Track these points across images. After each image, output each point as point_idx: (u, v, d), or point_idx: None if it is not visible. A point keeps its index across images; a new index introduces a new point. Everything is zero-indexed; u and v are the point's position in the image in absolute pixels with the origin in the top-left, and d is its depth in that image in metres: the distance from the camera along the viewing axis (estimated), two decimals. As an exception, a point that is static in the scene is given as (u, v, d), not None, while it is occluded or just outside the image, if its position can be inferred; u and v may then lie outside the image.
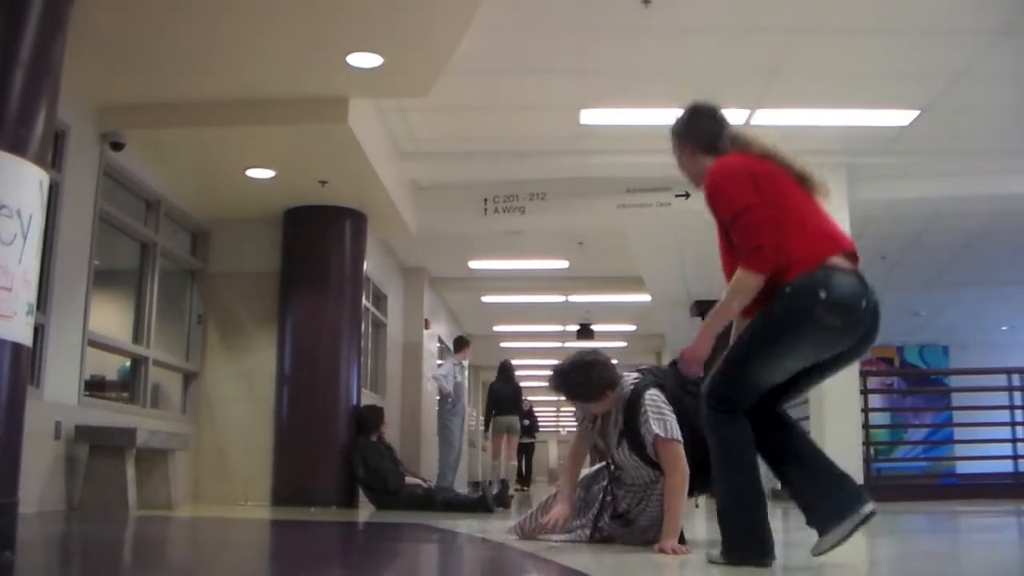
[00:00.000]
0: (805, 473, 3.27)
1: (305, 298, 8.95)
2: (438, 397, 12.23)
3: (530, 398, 19.47)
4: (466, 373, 11.89)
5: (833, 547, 3.12)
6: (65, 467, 6.46)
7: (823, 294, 3.04)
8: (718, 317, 3.25)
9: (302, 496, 8.26)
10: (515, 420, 13.39)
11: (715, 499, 3.34)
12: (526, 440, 14.53)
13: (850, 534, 3.11)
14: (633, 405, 4.10)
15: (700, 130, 3.51)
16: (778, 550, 3.20)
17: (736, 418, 3.21)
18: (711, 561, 3.28)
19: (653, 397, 4.07)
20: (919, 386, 16.25)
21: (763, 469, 3.30)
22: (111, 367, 8.38)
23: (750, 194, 3.17)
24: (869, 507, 3.08)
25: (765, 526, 3.16)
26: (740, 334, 3.25)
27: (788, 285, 3.08)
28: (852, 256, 3.21)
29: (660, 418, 3.98)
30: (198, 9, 5.62)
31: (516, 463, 14.02)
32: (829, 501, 3.16)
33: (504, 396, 13.39)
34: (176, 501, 7.31)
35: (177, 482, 7.44)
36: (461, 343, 12.43)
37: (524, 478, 19.05)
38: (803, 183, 3.29)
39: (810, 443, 3.34)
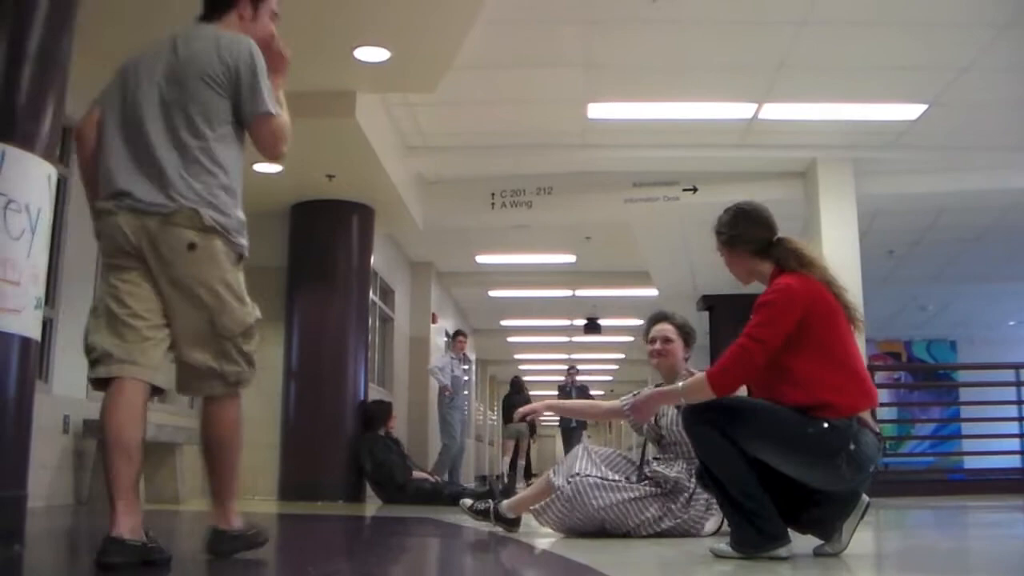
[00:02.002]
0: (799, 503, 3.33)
1: (312, 293, 8.96)
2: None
3: (535, 392, 20.12)
4: (465, 366, 11.84)
5: (845, 546, 3.23)
6: (73, 461, 6.49)
7: (852, 446, 3.11)
8: (668, 398, 3.63)
9: (309, 490, 8.28)
10: (524, 427, 15.40)
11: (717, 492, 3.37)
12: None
13: (856, 527, 3.23)
14: None
15: (752, 238, 3.47)
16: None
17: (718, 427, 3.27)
18: (717, 555, 3.27)
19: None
20: (926, 381, 16.22)
21: None
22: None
23: (780, 337, 3.18)
24: (864, 498, 3.24)
25: (772, 513, 3.17)
26: (769, 411, 3.19)
27: (826, 420, 3.12)
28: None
29: None
30: (205, 4, 5.63)
31: (524, 462, 16.18)
32: (826, 513, 3.25)
33: (515, 407, 14.27)
34: (183, 495, 7.33)
35: (184, 476, 7.45)
36: (457, 336, 12.28)
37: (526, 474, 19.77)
38: (851, 319, 3.31)
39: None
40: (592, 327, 17.83)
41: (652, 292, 14.69)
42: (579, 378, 16.25)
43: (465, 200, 9.98)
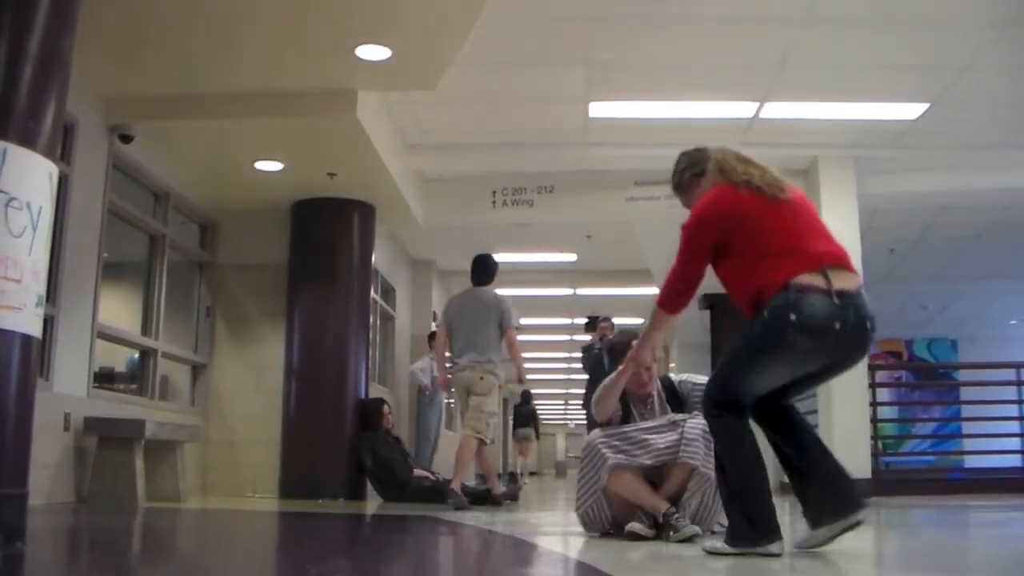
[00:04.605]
0: (810, 468, 3.33)
1: (313, 290, 8.96)
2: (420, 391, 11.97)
3: (538, 391, 21.38)
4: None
5: (819, 545, 3.23)
6: (74, 459, 6.49)
7: (793, 316, 3.10)
8: (649, 339, 3.85)
9: (310, 488, 8.28)
10: (530, 431, 20.36)
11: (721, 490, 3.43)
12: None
13: (838, 535, 3.21)
14: (675, 395, 4.53)
15: (690, 164, 3.69)
16: (785, 542, 3.20)
17: (734, 414, 3.32)
18: (710, 552, 3.28)
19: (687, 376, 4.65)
20: (927, 380, 16.21)
21: (771, 458, 3.36)
22: (120, 359, 8.41)
23: (701, 252, 3.37)
24: (860, 516, 3.20)
25: (770, 511, 3.20)
26: (731, 344, 3.38)
27: (766, 308, 3.17)
28: (844, 267, 3.26)
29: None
30: (207, 1, 5.63)
31: (530, 462, 20.88)
32: (826, 500, 3.25)
33: (521, 415, 20.45)
34: (184, 493, 7.33)
35: (185, 474, 7.46)
36: (432, 338, 11.92)
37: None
38: (777, 202, 3.32)
39: (817, 440, 3.40)
40: (592, 325, 17.79)
41: (653, 291, 14.61)
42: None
43: (466, 198, 9.97)
